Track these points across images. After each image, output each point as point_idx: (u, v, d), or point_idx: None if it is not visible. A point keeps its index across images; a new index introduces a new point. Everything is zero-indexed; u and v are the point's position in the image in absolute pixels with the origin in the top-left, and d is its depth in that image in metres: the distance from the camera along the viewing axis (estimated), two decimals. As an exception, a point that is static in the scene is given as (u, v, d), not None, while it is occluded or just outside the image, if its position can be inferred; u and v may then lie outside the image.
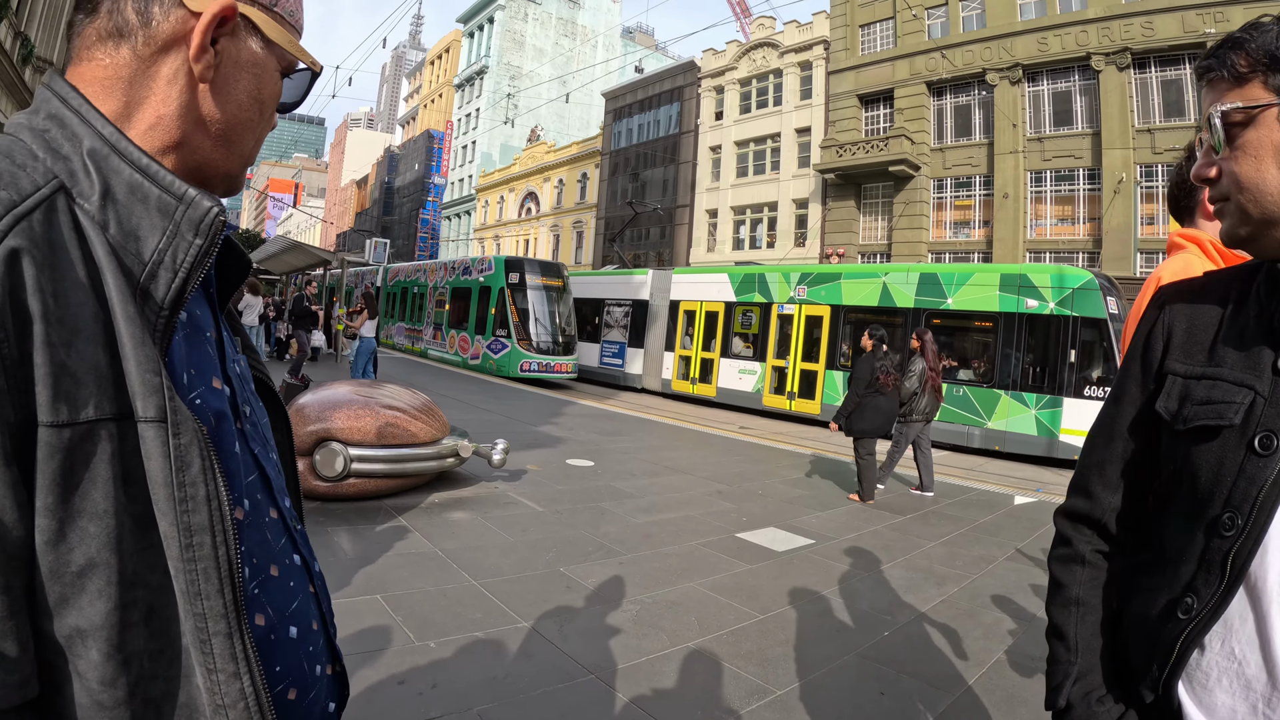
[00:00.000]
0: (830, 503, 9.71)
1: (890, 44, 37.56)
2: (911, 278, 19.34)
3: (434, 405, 8.93)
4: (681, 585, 5.96)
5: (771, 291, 22.54)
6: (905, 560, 7.20)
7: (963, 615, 5.77)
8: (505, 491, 8.73)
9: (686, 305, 25.40)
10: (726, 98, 46.11)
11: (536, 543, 6.78)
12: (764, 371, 22.40)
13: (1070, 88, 31.47)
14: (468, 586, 5.52)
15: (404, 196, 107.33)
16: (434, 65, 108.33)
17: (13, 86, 28.45)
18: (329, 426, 7.54)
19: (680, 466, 11.64)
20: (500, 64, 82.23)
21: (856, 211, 37.97)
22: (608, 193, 55.83)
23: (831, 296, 20.83)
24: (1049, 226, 31.65)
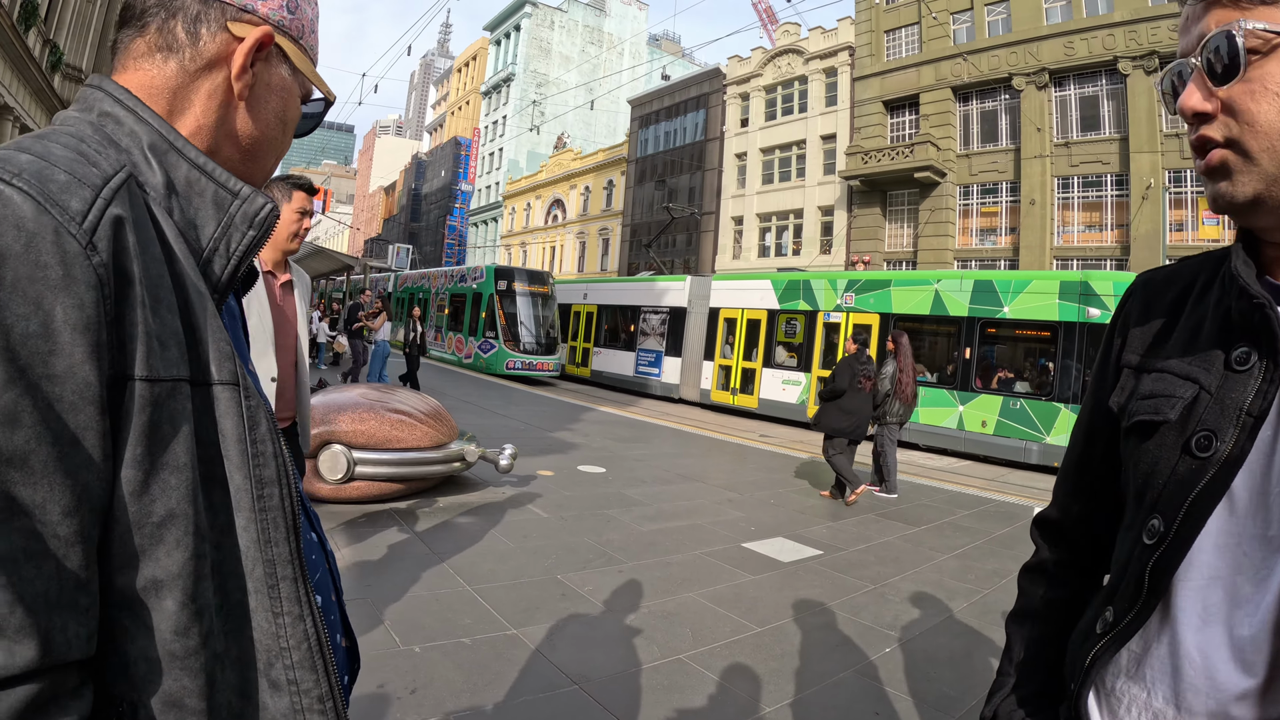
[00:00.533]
0: (844, 513, 9.52)
1: (915, 50, 37.30)
2: (965, 285, 18.60)
3: (443, 410, 8.86)
4: (680, 595, 5.83)
5: (817, 299, 21.68)
6: (915, 573, 7.01)
7: (970, 632, 5.61)
8: (512, 497, 8.64)
9: (727, 313, 24.50)
10: (752, 104, 45.98)
11: (537, 549, 6.68)
12: (809, 382, 21.47)
13: (1097, 92, 31.07)
14: (461, 592, 5.43)
15: (431, 203, 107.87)
16: (461, 73, 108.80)
17: (42, 93, 28.73)
18: (333, 429, 7.49)
19: (693, 474, 11.52)
20: (527, 71, 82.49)
21: (882, 218, 37.68)
22: (634, 200, 55.78)
23: (881, 305, 20.01)
24: (1076, 233, 31.21)
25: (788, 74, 43.81)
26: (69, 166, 0.86)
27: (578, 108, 73.62)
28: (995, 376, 18.08)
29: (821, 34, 42.25)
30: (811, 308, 21.77)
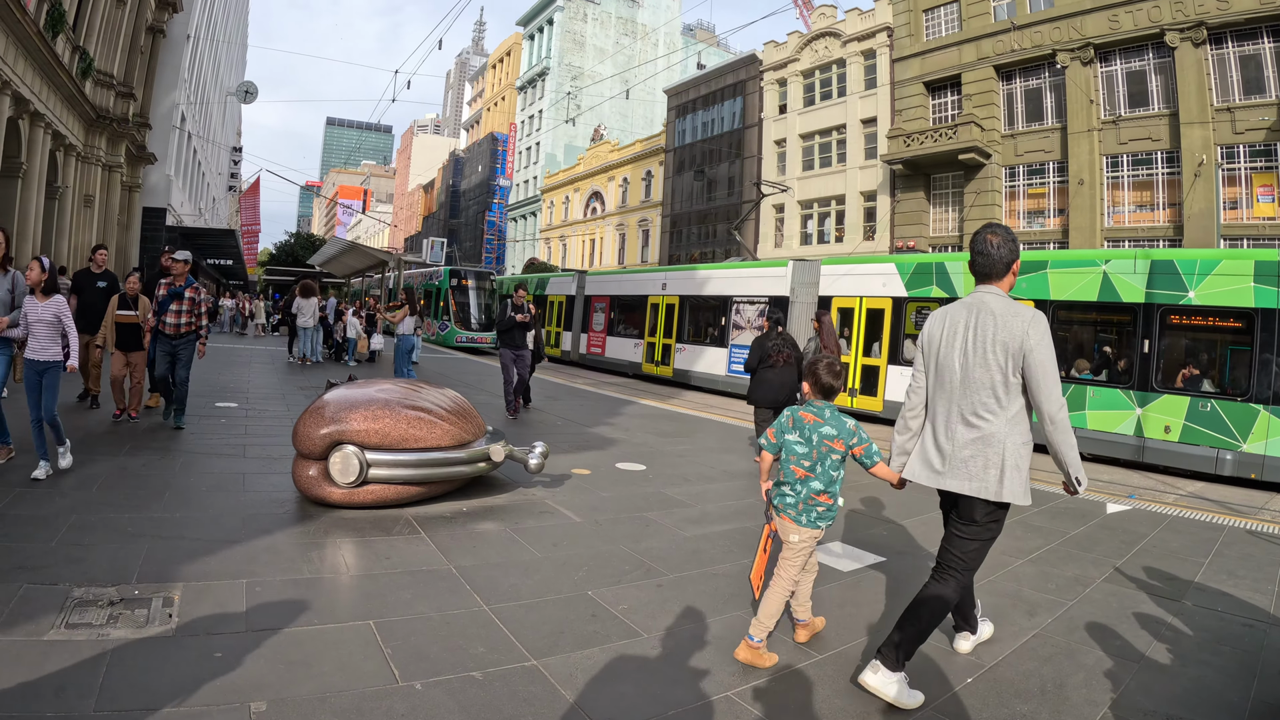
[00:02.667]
0: (906, 513, 8.75)
1: (955, 27, 36.43)
2: (1140, 266, 15.97)
3: (469, 406, 8.34)
4: (727, 614, 5.15)
5: (954, 284, 18.93)
6: (989, 582, 6.20)
7: (1060, 654, 4.86)
8: (543, 499, 8.07)
9: (841, 301, 21.68)
10: (790, 90, 45.34)
11: (566, 560, 6.08)
12: None
13: (1144, 66, 30.08)
14: (476, 613, 4.83)
15: (470, 199, 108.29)
16: (496, 69, 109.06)
17: (73, 99, 28.70)
18: (344, 428, 6.99)
19: (739, 471, 10.87)
20: (561, 65, 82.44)
21: (926, 203, 36.92)
22: (673, 190, 55.41)
23: (1035, 290, 17.17)
24: (1127, 213, 30.27)
25: (825, 58, 43.14)
26: None
27: (613, 98, 73.27)
28: (1180, 374, 15.54)
29: (859, 15, 41.53)
30: (948, 294, 18.85)
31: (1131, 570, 6.93)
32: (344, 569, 5.52)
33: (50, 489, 6.83)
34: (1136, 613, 5.75)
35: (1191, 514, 9.86)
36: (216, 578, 5.06)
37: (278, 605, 4.70)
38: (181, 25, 42.45)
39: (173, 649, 3.96)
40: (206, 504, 6.86)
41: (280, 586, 5.02)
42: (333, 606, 4.79)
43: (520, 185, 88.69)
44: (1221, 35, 27.72)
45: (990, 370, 4.11)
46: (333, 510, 6.93)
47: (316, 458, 6.98)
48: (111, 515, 6.23)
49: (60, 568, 4.97)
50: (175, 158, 44.95)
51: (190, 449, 9.23)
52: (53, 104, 26.88)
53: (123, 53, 34.16)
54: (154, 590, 4.73)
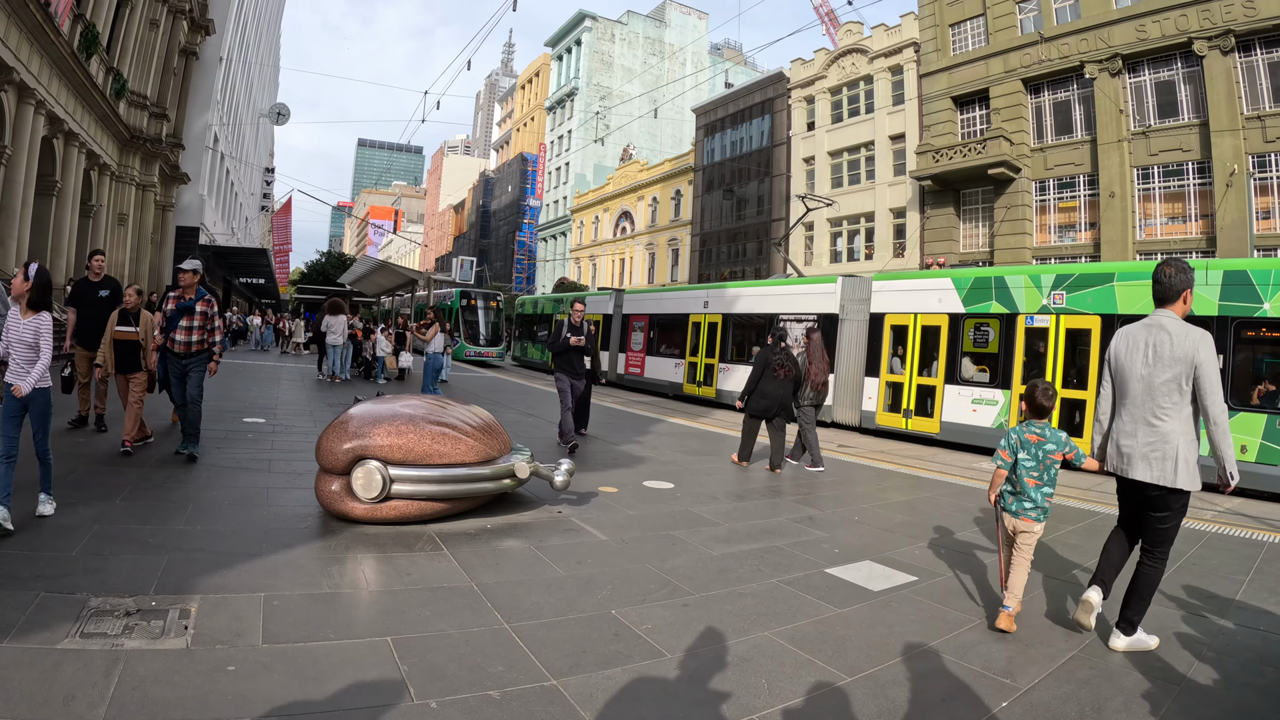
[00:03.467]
0: (937, 531, 8.58)
1: (982, 41, 36.32)
2: (1212, 277, 14.88)
3: (495, 423, 8.26)
4: (755, 634, 5.01)
5: (1015, 300, 17.90)
6: (1026, 601, 5.97)
7: (1098, 677, 4.67)
8: (569, 517, 7.96)
9: (894, 319, 20.60)
10: (817, 107, 45.34)
11: (590, 578, 5.96)
12: (1008, 401, 17.81)
13: (1173, 76, 29.84)
14: (497, 631, 4.72)
15: (500, 219, 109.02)
16: (525, 89, 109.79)
17: (107, 120, 29.09)
18: (367, 443, 6.95)
19: (769, 488, 10.72)
20: (590, 85, 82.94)
21: (956, 218, 36.71)
22: (702, 209, 55.50)
23: (1102, 304, 16.20)
24: (1159, 225, 29.94)
25: (852, 74, 43.15)
26: None
27: (641, 118, 73.49)
28: (1256, 390, 14.50)
29: (885, 31, 41.54)
30: (1008, 310, 18.04)
31: (1170, 589, 6.71)
32: (364, 584, 5.45)
33: (73, 500, 6.81)
34: (1177, 633, 5.57)
35: (1230, 530, 9.63)
36: (235, 591, 5.00)
37: (295, 619, 4.63)
38: (214, 47, 43.05)
39: (186, 661, 3.89)
40: (229, 518, 6.82)
41: (298, 601, 4.96)
42: (350, 622, 4.71)
43: (550, 205, 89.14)
44: (1250, 42, 27.45)
45: (1166, 380, 5.11)
46: (355, 526, 6.87)
47: (339, 473, 6.93)
48: (133, 527, 6.20)
49: (79, 577, 4.95)
50: (208, 178, 45.53)
51: (215, 463, 9.23)
52: (87, 124, 27.28)
53: (156, 74, 34.67)
54: (171, 602, 4.68)
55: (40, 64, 22.13)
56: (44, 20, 20.75)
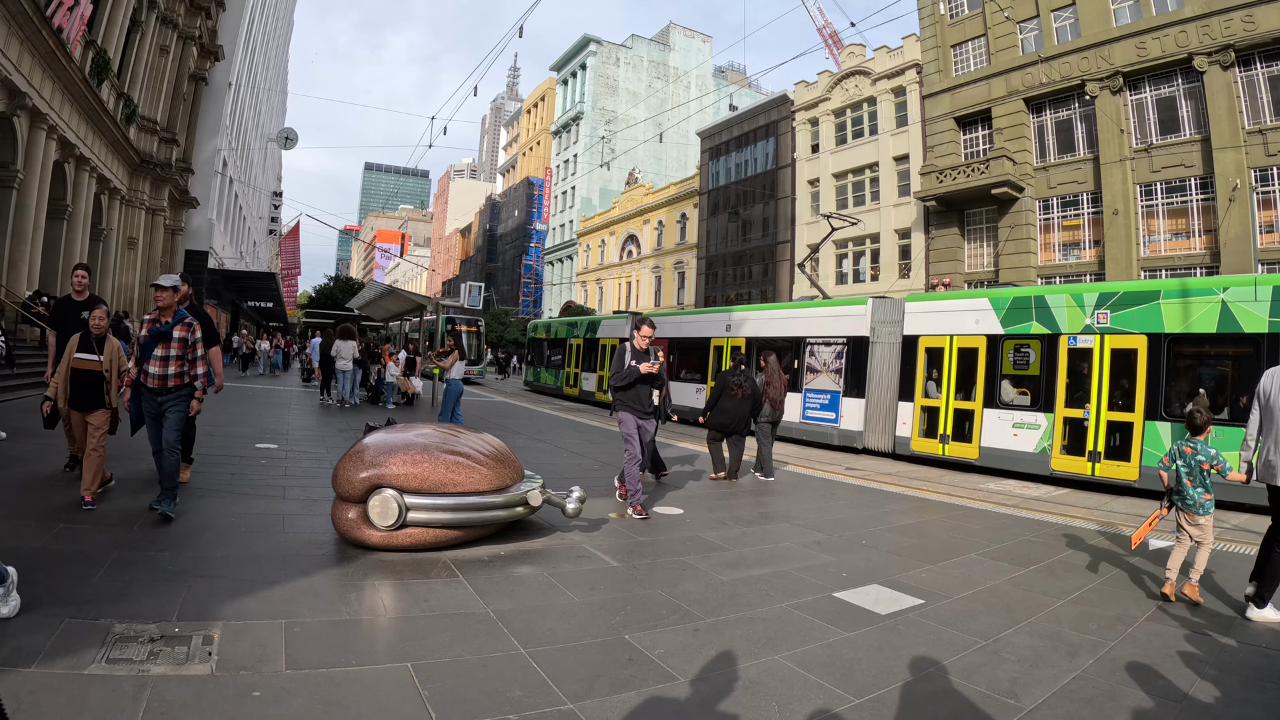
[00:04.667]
0: (943, 554, 8.67)
1: (984, 62, 36.59)
2: (1262, 293, 14.29)
3: (507, 451, 8.38)
4: (764, 658, 5.10)
5: (1057, 319, 17.26)
6: (1030, 624, 6.16)
7: (1101, 696, 4.76)
8: (580, 543, 8.05)
9: (929, 341, 19.91)
10: (821, 129, 45.59)
11: (603, 604, 6.06)
12: (1051, 425, 17.02)
13: (1174, 92, 30.10)
14: (514, 656, 4.82)
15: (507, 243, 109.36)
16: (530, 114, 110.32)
17: (118, 145, 29.41)
18: (383, 472, 7.06)
19: (777, 514, 10.81)
20: (595, 109, 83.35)
21: (961, 239, 36.85)
22: (708, 232, 55.68)
23: (1147, 323, 15.60)
24: (1163, 242, 30.05)
25: (856, 96, 43.40)
26: None
27: (647, 142, 73.80)
28: None
29: (887, 53, 41.85)
30: (1050, 330, 17.39)
31: (1175, 608, 6.81)
32: (382, 611, 5.55)
33: (92, 526, 6.93)
34: (1180, 651, 5.65)
35: (1236, 548, 9.71)
36: (256, 617, 5.11)
37: (316, 646, 4.74)
38: (223, 73, 43.54)
39: (212, 687, 4.00)
40: (246, 544, 6.93)
41: (319, 627, 5.06)
42: (371, 648, 4.82)
43: (557, 229, 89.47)
44: (1249, 56, 27.65)
45: None
46: (371, 553, 6.97)
47: (356, 501, 7.04)
48: (152, 553, 6.31)
49: (102, 603, 5.04)
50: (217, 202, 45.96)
51: (230, 489, 9.32)
52: (98, 149, 27.60)
53: (166, 99, 35.09)
54: (194, 628, 4.78)
55: (52, 89, 22.45)
56: (56, 46, 21.08)
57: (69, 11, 21.32)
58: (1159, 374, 15.19)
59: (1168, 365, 15.17)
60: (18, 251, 21.84)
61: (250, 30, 50.30)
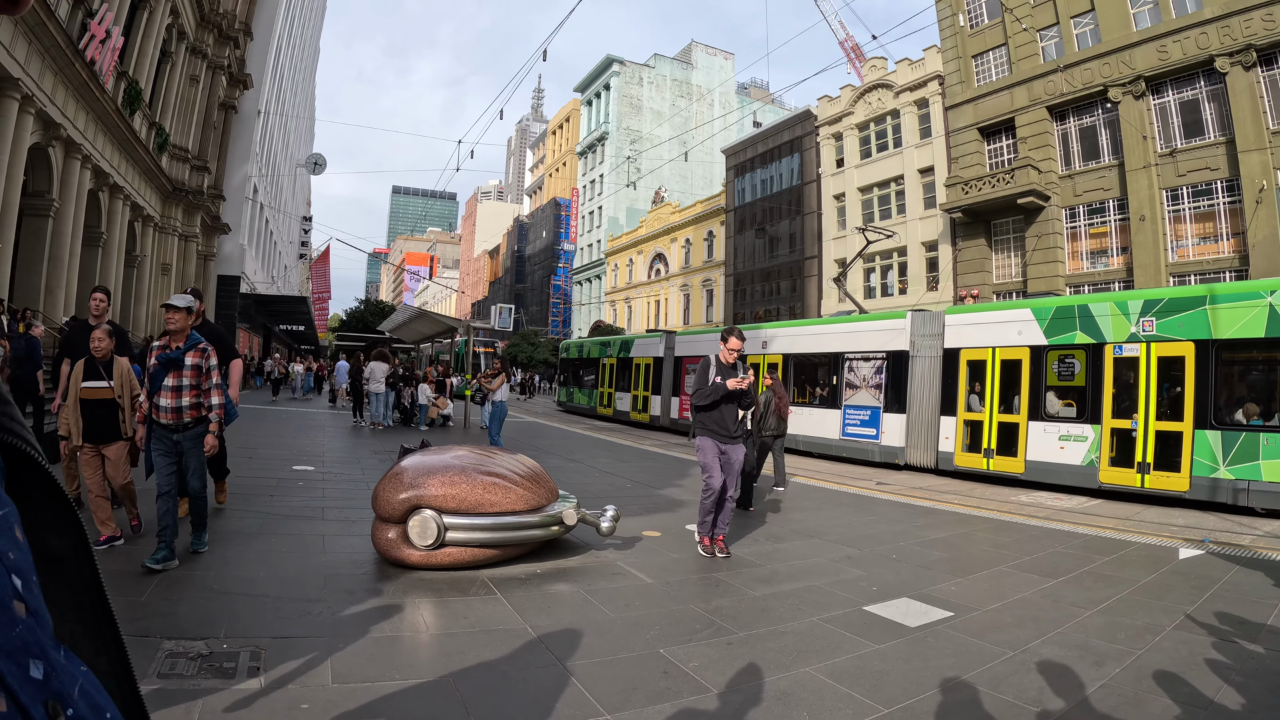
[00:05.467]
0: (972, 567, 8.72)
1: (1006, 71, 36.48)
2: None
3: (542, 472, 8.54)
4: (796, 670, 5.21)
5: (1101, 328, 16.82)
6: (1058, 634, 6.19)
7: (1126, 704, 4.82)
8: (614, 561, 8.18)
9: (970, 354, 19.56)
10: (846, 144, 45.57)
11: (638, 620, 6.18)
12: (1098, 436, 16.60)
13: (1197, 95, 29.80)
14: (552, 670, 4.97)
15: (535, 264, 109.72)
16: (555, 135, 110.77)
17: (150, 174, 29.96)
18: (422, 493, 7.24)
19: (807, 529, 10.86)
20: (620, 129, 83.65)
21: (988, 249, 36.68)
22: (735, 249, 55.74)
23: (1194, 329, 15.20)
24: (1191, 247, 29.71)
25: (879, 109, 43.37)
26: None
27: (672, 160, 74.01)
28: None
29: (909, 65, 41.78)
30: (1095, 340, 16.97)
31: (1203, 616, 6.81)
32: (424, 627, 5.70)
33: (137, 547, 7.12)
34: (1207, 659, 5.68)
35: (1269, 554, 9.68)
36: (301, 634, 5.29)
37: (361, 661, 4.90)
38: (252, 101, 44.18)
39: (262, 701, 4.17)
40: (288, 563, 7.13)
41: (363, 643, 5.22)
42: (414, 663, 4.97)
43: (584, 249, 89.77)
44: (1271, 56, 27.39)
45: None
46: (411, 571, 7.14)
47: (395, 521, 7.23)
48: (198, 573, 6.53)
49: (150, 621, 5.27)
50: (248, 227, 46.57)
51: (269, 510, 9.53)
52: (131, 177, 28.15)
53: (197, 128, 35.74)
54: (241, 645, 4.97)
55: (86, 120, 22.97)
56: (89, 78, 21.57)
57: (101, 44, 21.80)
58: (1207, 381, 14.83)
59: (1216, 372, 14.82)
60: (55, 278, 22.27)
61: (278, 59, 51.03)
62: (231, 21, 37.95)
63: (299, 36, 63.79)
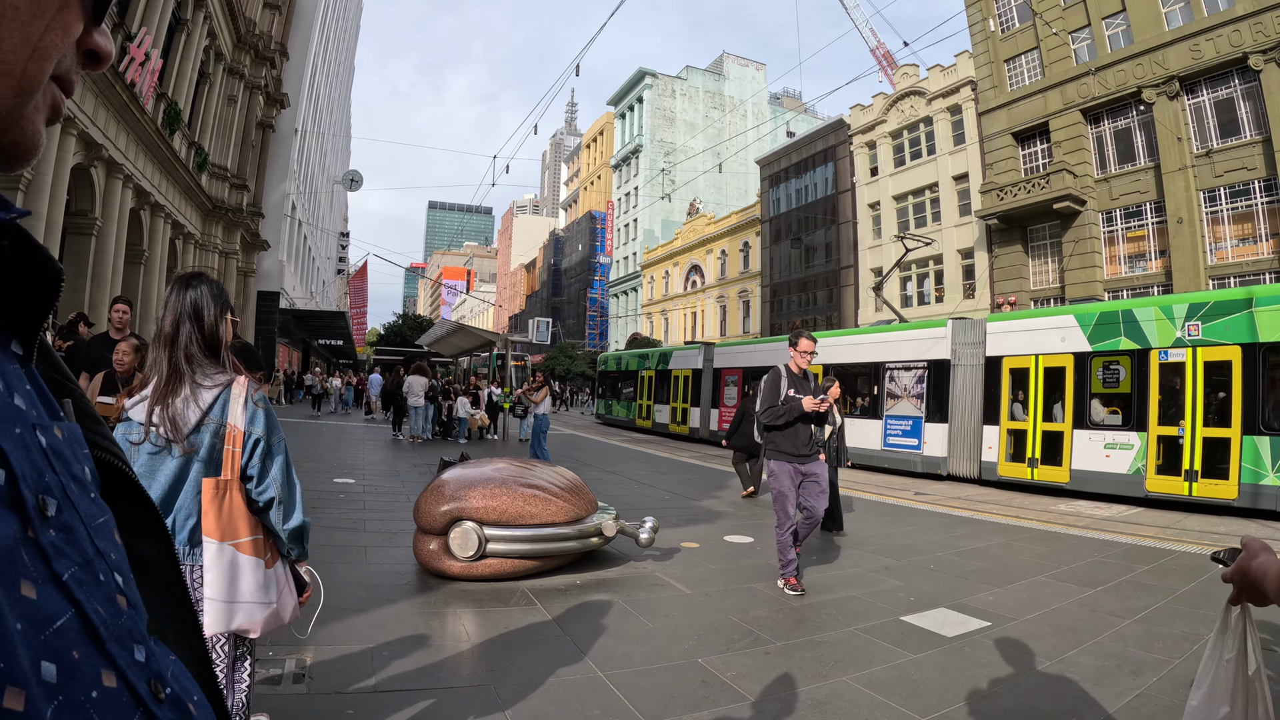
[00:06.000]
0: (1011, 576, 8.68)
1: (1038, 75, 36.23)
2: None
3: (581, 484, 8.65)
4: (832, 680, 5.25)
5: (1146, 334, 16.52)
6: (1095, 644, 6.16)
7: (1163, 713, 4.80)
8: (653, 572, 8.26)
9: (1012, 361, 19.25)
10: (879, 152, 45.46)
11: (677, 629, 6.25)
12: (1144, 444, 16.26)
13: (1231, 93, 29.38)
14: (592, 679, 5.05)
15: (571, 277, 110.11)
16: (590, 148, 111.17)
17: (191, 192, 30.53)
18: (464, 505, 7.37)
19: (845, 540, 10.88)
20: (653, 141, 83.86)
21: (1024, 256, 36.40)
22: (771, 259, 55.66)
23: (1240, 333, 14.84)
24: (1230, 248, 29.30)
25: (912, 117, 43.23)
26: None
27: (706, 172, 74.11)
28: None
29: (941, 72, 41.66)
30: (1140, 345, 16.66)
31: (1248, 629, 6.74)
32: (465, 636, 5.81)
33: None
34: (1252, 673, 5.65)
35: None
36: (346, 642, 5.42)
37: (405, 668, 5.03)
38: (289, 120, 44.84)
39: (308, 704, 4.30)
40: (331, 574, 7.19)
41: (406, 651, 5.35)
42: (456, 670, 5.08)
43: (620, 262, 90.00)
44: (1307, 51, 27.09)
45: None
46: (452, 582, 7.26)
47: (437, 533, 7.36)
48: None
49: (203, 632, 5.34)
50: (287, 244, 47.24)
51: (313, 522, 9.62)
52: (172, 196, 28.73)
53: (235, 147, 36.39)
54: (287, 652, 5.11)
55: (127, 140, 23.46)
56: (130, 99, 22.03)
57: (140, 67, 22.26)
58: (1255, 386, 14.48)
59: (1264, 376, 14.49)
60: (98, 295, 22.68)
61: (314, 78, 51.74)
62: (268, 42, 38.56)
63: (334, 56, 64.60)
